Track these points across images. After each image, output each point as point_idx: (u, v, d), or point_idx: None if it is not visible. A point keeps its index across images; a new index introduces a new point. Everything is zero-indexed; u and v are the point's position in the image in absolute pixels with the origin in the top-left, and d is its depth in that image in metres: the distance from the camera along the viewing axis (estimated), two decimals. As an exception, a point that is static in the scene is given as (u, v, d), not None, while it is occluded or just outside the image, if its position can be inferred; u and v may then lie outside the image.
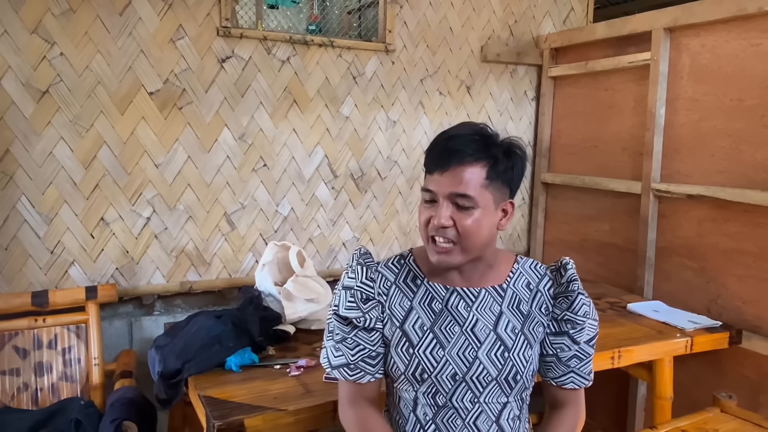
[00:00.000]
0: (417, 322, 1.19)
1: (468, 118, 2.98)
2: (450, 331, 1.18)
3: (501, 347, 1.17)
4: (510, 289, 1.23)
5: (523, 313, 1.22)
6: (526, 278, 1.25)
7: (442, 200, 1.13)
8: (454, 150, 1.13)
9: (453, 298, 1.21)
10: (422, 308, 1.21)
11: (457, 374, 1.16)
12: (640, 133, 2.58)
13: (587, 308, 1.22)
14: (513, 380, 1.17)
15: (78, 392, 2.08)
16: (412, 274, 1.24)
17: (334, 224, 2.71)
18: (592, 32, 2.79)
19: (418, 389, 1.18)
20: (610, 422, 2.69)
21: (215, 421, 1.36)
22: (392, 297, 1.22)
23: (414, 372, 1.17)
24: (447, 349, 1.17)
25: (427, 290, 1.22)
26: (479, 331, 1.18)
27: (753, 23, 2.14)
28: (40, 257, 2.18)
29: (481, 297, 1.21)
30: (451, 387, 1.16)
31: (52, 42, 2.12)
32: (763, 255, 2.13)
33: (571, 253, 3.01)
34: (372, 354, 1.22)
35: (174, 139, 2.34)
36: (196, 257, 2.44)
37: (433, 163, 1.15)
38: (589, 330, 1.23)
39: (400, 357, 1.18)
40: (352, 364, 1.21)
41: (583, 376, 1.25)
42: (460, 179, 1.12)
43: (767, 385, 2.14)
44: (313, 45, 2.55)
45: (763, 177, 2.11)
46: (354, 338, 1.21)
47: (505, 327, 1.19)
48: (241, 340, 1.73)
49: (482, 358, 1.17)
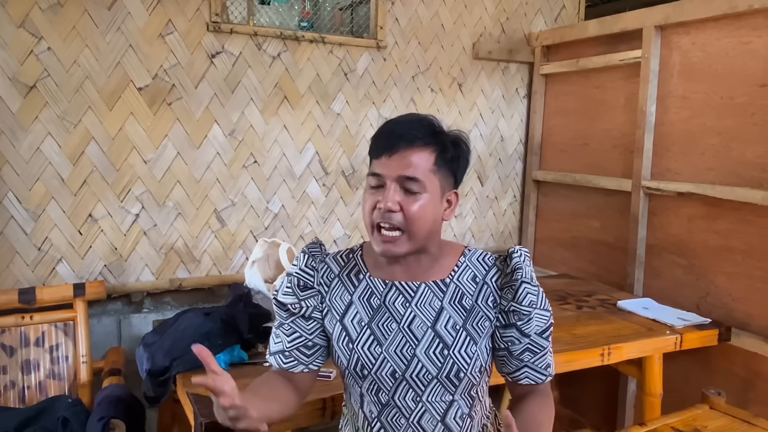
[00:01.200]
0: (356, 317, 1.17)
1: (459, 115, 2.97)
2: (387, 328, 1.15)
3: (440, 344, 1.13)
4: (453, 283, 1.18)
5: (465, 308, 1.16)
6: (472, 271, 1.19)
7: (390, 183, 1.09)
8: (402, 133, 1.11)
9: (391, 293, 1.18)
10: (361, 303, 1.18)
11: (397, 372, 1.13)
12: (630, 130, 2.58)
13: (533, 297, 1.15)
14: (456, 378, 1.13)
15: (66, 390, 2.06)
16: (357, 269, 1.22)
17: (325, 221, 2.71)
18: (584, 30, 2.79)
19: (362, 386, 1.16)
20: (600, 419, 2.70)
21: (203, 419, 1.35)
22: (334, 289, 1.20)
23: (355, 367, 1.15)
24: (384, 346, 1.14)
25: (368, 285, 1.19)
26: (416, 328, 1.14)
27: (743, 21, 2.14)
28: (27, 254, 2.16)
29: (421, 292, 1.17)
30: (392, 385, 1.14)
31: (40, 36, 2.10)
32: (752, 252, 2.14)
33: (562, 251, 3.01)
34: (308, 344, 1.20)
35: (163, 135, 2.32)
36: (186, 254, 2.42)
37: (381, 147, 1.12)
38: (538, 321, 1.15)
39: (341, 351, 1.17)
40: (287, 351, 1.20)
41: (538, 370, 1.17)
42: (408, 162, 1.09)
43: (756, 382, 2.15)
44: (304, 41, 2.54)
45: (753, 174, 2.12)
46: (291, 324, 1.20)
47: (445, 324, 1.15)
48: (230, 337, 1.72)
49: (420, 356, 1.13)
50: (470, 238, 3.08)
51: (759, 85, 2.10)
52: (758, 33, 2.10)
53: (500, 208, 3.18)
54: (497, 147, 3.12)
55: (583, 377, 2.46)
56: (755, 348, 2.10)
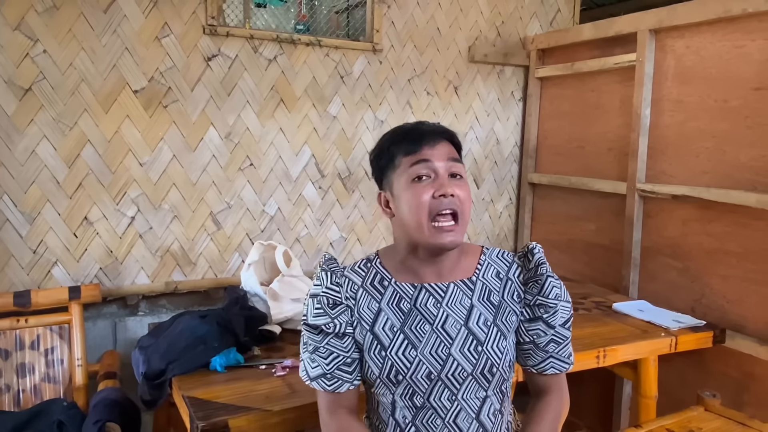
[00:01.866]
0: (386, 324, 1.17)
1: (455, 118, 2.98)
2: (421, 330, 1.16)
3: (474, 341, 1.16)
4: (479, 281, 1.22)
5: (494, 304, 1.20)
6: (495, 268, 1.24)
7: (443, 172, 1.14)
8: (431, 129, 1.19)
9: (421, 295, 1.19)
10: (391, 309, 1.18)
11: (432, 373, 1.14)
12: (625, 133, 2.59)
13: (558, 290, 1.21)
14: (489, 373, 1.16)
15: (61, 393, 2.06)
16: (379, 276, 1.22)
17: (322, 224, 2.71)
18: (579, 33, 2.81)
19: (395, 392, 1.16)
20: (596, 421, 2.71)
21: (199, 422, 1.34)
22: (360, 300, 1.20)
23: (389, 374, 1.15)
24: (419, 348, 1.15)
25: (395, 290, 1.20)
26: (450, 328, 1.17)
27: (737, 25, 2.16)
28: (22, 257, 2.16)
29: (450, 291, 1.20)
30: (427, 387, 1.15)
31: (35, 39, 2.09)
32: (746, 255, 2.15)
33: (558, 253, 3.02)
34: (347, 361, 1.19)
35: (159, 137, 2.32)
36: (182, 257, 2.42)
37: (417, 141, 1.16)
38: (562, 312, 1.22)
39: (373, 360, 1.16)
40: (329, 374, 1.18)
41: (562, 359, 1.24)
42: (449, 150, 1.17)
43: (751, 384, 2.16)
44: (300, 44, 2.54)
45: (747, 177, 2.13)
46: (326, 347, 1.18)
47: (477, 320, 1.18)
48: (226, 340, 1.71)
49: (455, 355, 1.15)
50: (466, 241, 3.08)
51: (753, 89, 2.11)
52: (752, 37, 2.11)
53: (496, 211, 3.19)
54: (493, 150, 3.13)
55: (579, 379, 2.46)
56: (750, 350, 2.11)
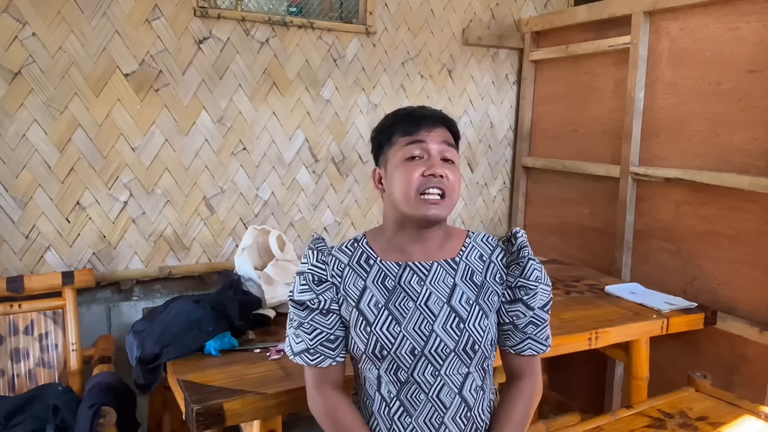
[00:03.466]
0: (371, 300, 1.21)
1: (449, 101, 2.97)
2: (404, 307, 1.20)
3: (456, 319, 1.19)
4: (462, 262, 1.25)
5: (476, 284, 1.24)
6: (478, 251, 1.27)
7: (435, 153, 1.19)
8: (431, 114, 1.24)
9: (405, 273, 1.22)
10: (376, 286, 1.22)
11: (416, 348, 1.17)
12: (619, 116, 2.59)
13: (539, 273, 1.25)
14: (471, 350, 1.19)
15: (56, 378, 2.06)
16: (365, 255, 1.25)
17: (316, 208, 2.70)
18: (573, 16, 2.79)
19: (380, 367, 1.20)
20: (588, 402, 2.73)
21: (194, 405, 1.35)
22: (346, 278, 1.23)
23: (374, 350, 1.18)
24: (403, 324, 1.18)
25: (380, 269, 1.23)
26: (433, 305, 1.20)
27: (731, 7, 2.15)
28: (14, 242, 2.15)
29: (434, 270, 1.23)
30: (411, 362, 1.18)
31: (24, 22, 2.07)
32: (738, 237, 2.16)
33: (551, 237, 3.03)
34: (330, 338, 1.23)
35: (151, 121, 2.31)
36: (175, 242, 2.41)
37: (415, 123, 1.21)
38: (542, 295, 1.25)
39: (359, 336, 1.20)
40: (312, 349, 1.22)
41: (539, 341, 1.27)
42: (446, 135, 1.22)
43: (741, 365, 2.19)
44: (292, 26, 2.52)
45: (740, 160, 2.14)
46: (311, 322, 1.22)
47: (459, 299, 1.21)
48: (220, 324, 1.72)
49: (438, 331, 1.18)
50: (460, 225, 3.09)
51: (746, 71, 2.11)
52: (746, 19, 2.10)
53: (490, 195, 3.19)
54: (487, 133, 3.12)
55: (571, 361, 2.49)
56: (740, 331, 2.13)
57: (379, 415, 1.21)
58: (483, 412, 1.24)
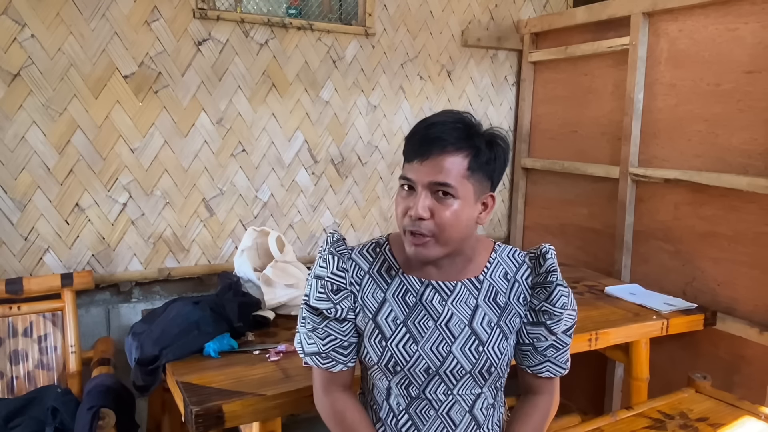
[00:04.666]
0: (390, 315, 1.17)
1: (449, 102, 2.97)
2: (424, 326, 1.16)
3: (476, 341, 1.15)
4: (486, 281, 1.20)
5: (499, 305, 1.19)
6: (503, 268, 1.22)
7: (421, 190, 1.08)
8: (435, 138, 1.08)
9: (428, 292, 1.18)
10: (396, 301, 1.18)
11: (431, 368, 1.15)
12: (618, 117, 2.59)
13: (566, 300, 1.19)
14: (487, 372, 1.16)
15: (55, 380, 2.06)
16: (387, 265, 1.21)
17: (315, 210, 2.70)
18: (572, 17, 2.79)
19: (392, 380, 1.17)
20: (588, 403, 2.73)
21: (193, 407, 1.35)
22: (365, 287, 1.19)
23: (387, 364, 1.15)
24: (420, 343, 1.15)
25: (402, 283, 1.19)
26: (454, 326, 1.16)
27: (730, 8, 2.15)
28: (13, 244, 2.14)
29: (457, 291, 1.18)
30: (424, 380, 1.15)
31: (23, 23, 2.06)
32: (737, 238, 2.16)
33: (551, 238, 3.03)
34: (344, 344, 1.20)
35: (150, 123, 2.30)
36: (174, 243, 2.41)
37: (413, 151, 1.10)
38: (566, 321, 1.20)
39: (373, 348, 1.17)
40: (324, 353, 1.19)
41: (558, 365, 1.24)
42: (440, 168, 1.07)
43: (741, 366, 2.19)
44: (291, 28, 2.52)
45: (739, 161, 2.14)
46: (325, 328, 1.19)
47: (481, 321, 1.17)
48: (219, 325, 1.72)
49: (456, 353, 1.15)
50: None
51: (745, 72, 2.11)
52: (744, 20, 2.11)
53: (489, 196, 3.18)
54: (486, 135, 3.12)
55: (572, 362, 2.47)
56: (740, 332, 2.13)
57: (387, 424, 1.20)
58: (492, 428, 1.22)
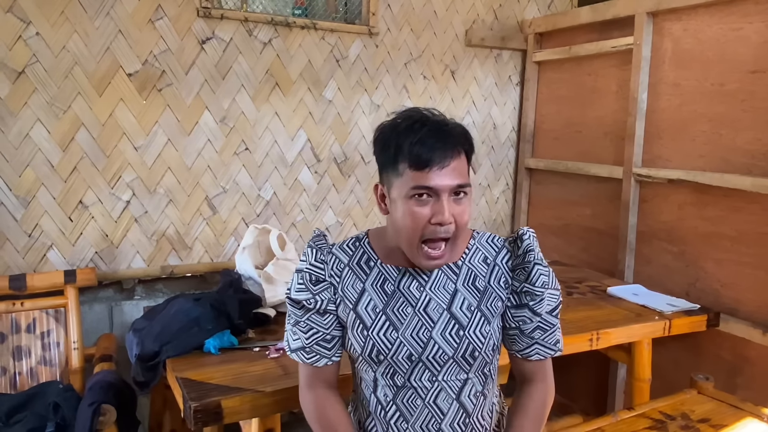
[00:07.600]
0: (369, 304, 1.18)
1: (452, 102, 2.97)
2: (403, 313, 1.17)
3: (456, 326, 1.16)
4: (465, 266, 1.21)
5: (479, 289, 1.19)
6: (482, 253, 1.22)
7: (447, 196, 1.08)
8: (443, 144, 1.08)
9: (405, 279, 1.19)
10: (374, 290, 1.19)
11: (413, 355, 1.15)
12: (622, 117, 2.58)
13: (545, 278, 1.19)
14: (471, 357, 1.16)
15: (57, 376, 2.07)
16: (366, 256, 1.22)
17: (318, 209, 2.70)
18: (576, 17, 2.79)
19: (377, 370, 1.18)
20: (590, 404, 2.72)
21: (192, 403, 1.35)
22: (345, 279, 1.21)
23: (370, 353, 1.16)
24: (400, 330, 1.16)
25: (380, 272, 1.20)
26: (432, 311, 1.17)
27: (734, 7, 2.14)
28: (17, 240, 2.16)
29: (434, 276, 1.19)
30: (408, 367, 1.16)
31: (28, 21, 2.08)
32: (741, 239, 2.15)
33: (554, 238, 3.02)
34: (326, 337, 1.21)
35: (153, 121, 2.31)
36: (177, 241, 2.42)
37: (427, 161, 1.06)
38: (549, 300, 1.20)
39: (356, 338, 1.18)
40: (308, 347, 1.21)
41: (548, 346, 1.23)
42: (458, 171, 1.09)
43: (744, 367, 2.17)
44: (295, 27, 2.52)
45: (743, 161, 2.13)
46: (307, 321, 1.20)
47: (461, 305, 1.17)
48: (219, 322, 1.72)
49: (436, 338, 1.15)
50: (462, 226, 3.08)
51: (749, 72, 2.10)
52: (749, 19, 2.10)
53: (493, 196, 3.18)
54: (490, 135, 3.12)
55: (574, 363, 2.47)
56: (743, 333, 2.12)
57: (376, 417, 1.21)
58: (483, 417, 1.22)
